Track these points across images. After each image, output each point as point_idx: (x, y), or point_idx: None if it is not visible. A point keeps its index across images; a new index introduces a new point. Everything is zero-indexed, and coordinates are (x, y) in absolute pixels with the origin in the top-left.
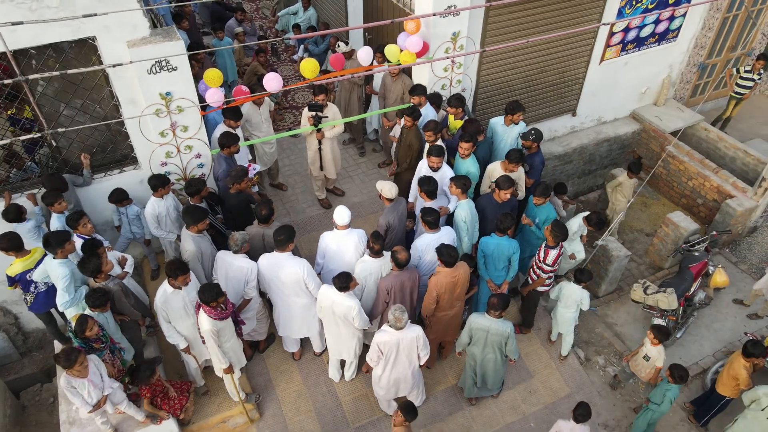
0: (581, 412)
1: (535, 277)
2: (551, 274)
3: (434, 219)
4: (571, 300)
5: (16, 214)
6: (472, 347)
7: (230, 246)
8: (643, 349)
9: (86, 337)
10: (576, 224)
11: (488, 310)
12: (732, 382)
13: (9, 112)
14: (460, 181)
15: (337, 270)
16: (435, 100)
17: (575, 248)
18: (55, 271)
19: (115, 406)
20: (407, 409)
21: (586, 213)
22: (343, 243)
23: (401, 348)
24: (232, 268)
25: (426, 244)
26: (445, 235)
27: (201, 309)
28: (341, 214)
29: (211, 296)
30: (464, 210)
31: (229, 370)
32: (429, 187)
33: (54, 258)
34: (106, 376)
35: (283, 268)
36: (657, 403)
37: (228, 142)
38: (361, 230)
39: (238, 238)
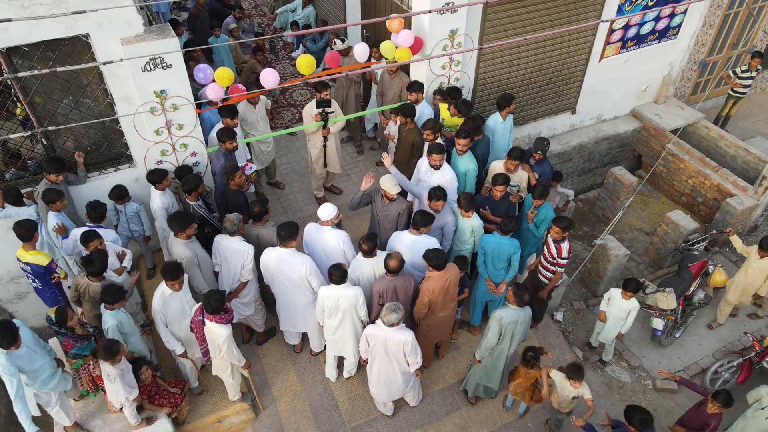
0: None
1: (550, 275)
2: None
3: (423, 220)
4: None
5: (16, 196)
6: (498, 347)
7: (227, 228)
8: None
9: (69, 327)
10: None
11: (515, 302)
12: None
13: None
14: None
15: (320, 265)
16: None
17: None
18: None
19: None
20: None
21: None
22: (323, 237)
23: (388, 348)
24: (229, 251)
25: (394, 245)
26: (423, 242)
27: (207, 321)
28: (324, 209)
29: (220, 303)
30: (477, 219)
31: (249, 365)
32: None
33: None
34: (125, 361)
35: (286, 264)
36: None
37: (225, 137)
38: (343, 232)
39: (234, 219)
